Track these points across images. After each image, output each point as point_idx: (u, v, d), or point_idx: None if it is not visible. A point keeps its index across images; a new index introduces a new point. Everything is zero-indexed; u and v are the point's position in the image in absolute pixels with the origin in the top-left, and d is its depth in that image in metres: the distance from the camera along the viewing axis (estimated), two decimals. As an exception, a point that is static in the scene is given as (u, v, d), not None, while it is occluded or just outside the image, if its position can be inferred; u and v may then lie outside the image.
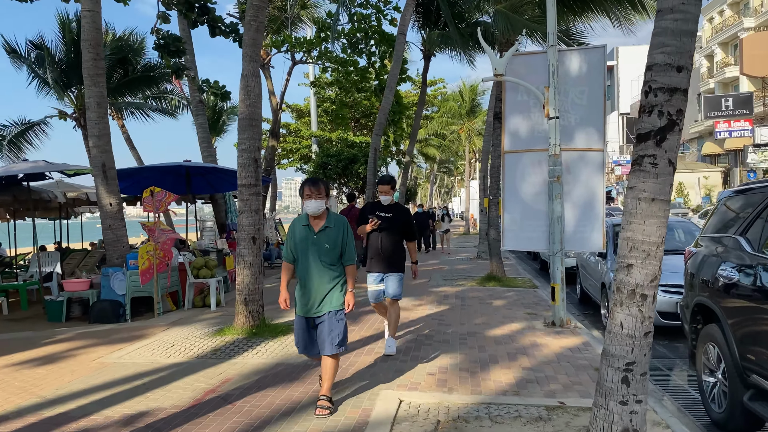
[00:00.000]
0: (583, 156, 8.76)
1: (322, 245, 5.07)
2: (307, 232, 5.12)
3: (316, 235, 5.09)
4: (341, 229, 5.14)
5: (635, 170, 3.98)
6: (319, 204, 5.03)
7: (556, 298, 8.60)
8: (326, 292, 5.11)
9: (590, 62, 8.73)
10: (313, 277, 5.10)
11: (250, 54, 8.15)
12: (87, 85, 10.26)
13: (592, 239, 8.83)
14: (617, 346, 3.97)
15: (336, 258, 5.14)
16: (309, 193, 5.03)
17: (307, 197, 5.04)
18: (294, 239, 5.20)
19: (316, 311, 5.11)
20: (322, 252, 5.08)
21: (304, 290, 5.16)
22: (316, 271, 5.09)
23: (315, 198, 5.02)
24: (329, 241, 5.08)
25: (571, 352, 7.06)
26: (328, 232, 5.10)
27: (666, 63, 3.90)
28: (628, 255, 3.98)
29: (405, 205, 7.31)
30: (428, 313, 9.70)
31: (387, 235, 6.92)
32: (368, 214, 7.01)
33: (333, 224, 5.13)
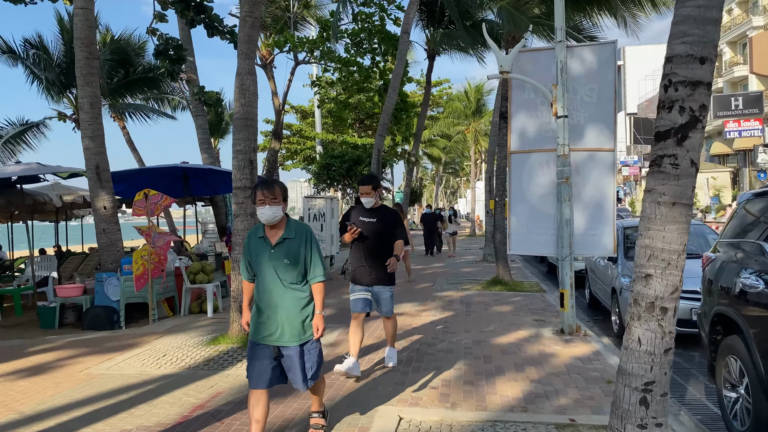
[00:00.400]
0: (593, 156, 8.41)
1: (281, 261, 4.19)
2: (263, 246, 4.26)
3: (273, 249, 4.21)
4: (304, 240, 4.26)
5: (654, 171, 3.64)
6: (275, 210, 4.17)
7: (566, 305, 8.25)
8: (290, 319, 4.20)
9: (600, 58, 8.38)
10: (273, 300, 4.19)
11: (246, 51, 7.84)
12: (80, 85, 9.97)
13: (603, 243, 8.48)
14: (635, 363, 3.63)
15: (299, 275, 4.24)
16: (262, 198, 4.15)
17: (259, 203, 4.17)
18: (249, 254, 4.35)
19: (278, 340, 4.22)
20: (281, 269, 4.20)
21: (261, 316, 4.24)
22: (275, 294, 4.20)
23: (270, 203, 4.15)
24: (289, 255, 4.19)
25: (581, 363, 6.71)
26: (288, 244, 4.21)
27: (688, 54, 3.56)
28: (646, 264, 3.64)
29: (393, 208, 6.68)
30: (432, 320, 9.36)
31: (372, 243, 6.16)
32: (347, 220, 6.27)
33: (294, 234, 4.24)
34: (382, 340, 7.92)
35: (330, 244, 15.67)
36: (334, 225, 16.04)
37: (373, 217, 6.19)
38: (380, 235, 6.19)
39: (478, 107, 42.73)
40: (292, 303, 4.21)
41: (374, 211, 6.23)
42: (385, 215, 6.26)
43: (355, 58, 21.61)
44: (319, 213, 15.36)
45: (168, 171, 12.73)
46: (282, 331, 4.19)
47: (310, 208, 15.45)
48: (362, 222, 6.19)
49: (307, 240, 4.28)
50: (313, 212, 15.37)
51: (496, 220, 14.08)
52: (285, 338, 4.20)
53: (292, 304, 4.21)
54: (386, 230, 6.21)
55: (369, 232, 6.15)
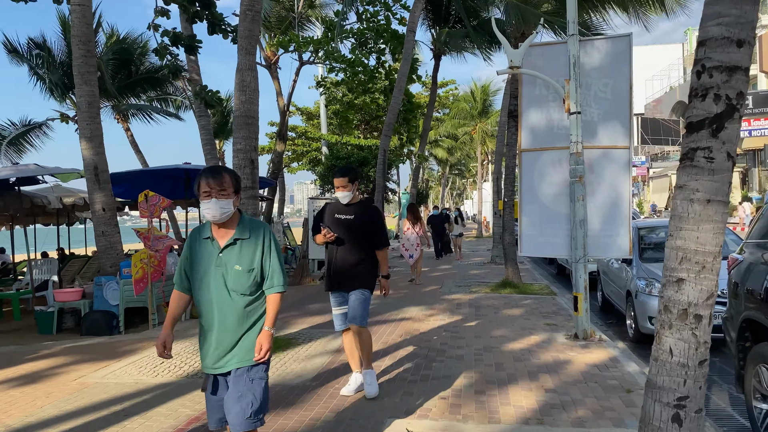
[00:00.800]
0: (607, 154, 8.09)
1: (231, 267, 3.39)
2: (209, 249, 3.46)
3: (222, 253, 3.41)
4: (261, 241, 3.47)
5: (686, 166, 3.32)
6: (224, 205, 3.34)
7: (579, 309, 7.92)
8: (237, 338, 3.43)
9: (614, 52, 8.06)
10: (219, 317, 3.40)
11: (246, 46, 7.56)
12: (77, 84, 9.71)
13: (618, 244, 8.15)
14: (666, 377, 3.31)
15: (253, 285, 3.44)
16: (207, 189, 3.33)
17: (204, 195, 3.34)
18: (189, 258, 3.54)
19: (219, 366, 3.42)
20: (230, 277, 3.39)
21: (206, 336, 3.46)
22: (222, 308, 3.39)
23: (217, 196, 3.32)
24: (242, 260, 3.41)
25: (598, 370, 6.38)
26: (241, 246, 3.43)
27: (723, 36, 3.24)
28: (678, 267, 3.31)
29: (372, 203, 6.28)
30: (440, 324, 9.04)
31: (348, 244, 5.49)
32: (321, 220, 5.65)
33: (248, 234, 3.46)
34: (389, 346, 7.63)
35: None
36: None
37: (350, 214, 5.53)
38: (357, 235, 5.52)
39: (484, 108, 42.38)
40: (242, 319, 3.42)
41: (351, 207, 5.56)
42: (364, 212, 5.57)
43: (360, 58, 21.31)
44: (323, 214, 15.06)
45: (170, 172, 12.47)
46: (229, 355, 3.41)
47: (315, 209, 15.16)
48: (337, 220, 5.52)
49: (265, 241, 3.48)
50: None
51: (504, 221, 13.76)
52: (225, 361, 3.42)
53: (240, 319, 3.42)
54: (364, 229, 5.52)
55: (344, 231, 5.50)
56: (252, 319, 3.47)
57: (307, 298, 12.03)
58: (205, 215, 3.42)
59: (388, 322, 9.30)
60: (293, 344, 7.75)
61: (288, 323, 9.27)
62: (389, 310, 10.32)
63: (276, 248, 3.53)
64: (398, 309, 10.46)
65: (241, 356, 3.42)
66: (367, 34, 20.89)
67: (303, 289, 13.28)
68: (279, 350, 7.40)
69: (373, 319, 9.48)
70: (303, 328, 8.88)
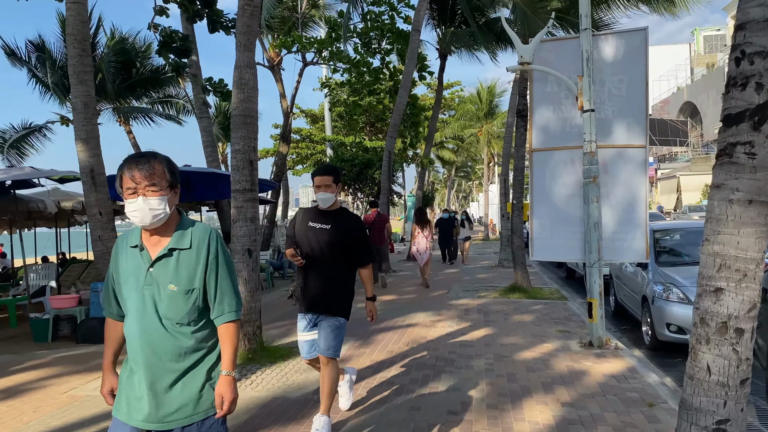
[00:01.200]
0: (623, 153, 7.74)
1: (164, 287, 2.56)
2: (136, 261, 2.61)
3: (153, 267, 2.58)
4: (206, 252, 2.60)
5: (723, 163, 2.99)
6: (156, 205, 2.51)
7: (594, 316, 7.57)
8: (174, 382, 2.58)
9: (629, 47, 7.72)
10: (146, 353, 2.56)
11: (244, 42, 7.24)
12: (73, 84, 9.40)
13: (634, 247, 7.80)
14: (703, 397, 2.97)
15: (193, 312, 2.60)
16: (131, 185, 2.51)
17: (128, 193, 2.51)
18: (113, 275, 2.70)
19: (153, 422, 2.59)
20: (163, 300, 2.57)
21: (131, 379, 2.64)
22: (152, 341, 2.56)
23: (145, 192, 2.51)
24: (178, 277, 2.57)
25: (616, 382, 6.03)
26: (178, 259, 2.58)
27: (766, 19, 2.91)
28: (716, 276, 2.98)
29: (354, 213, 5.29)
30: (448, 331, 8.70)
31: (323, 259, 4.64)
32: (292, 231, 4.82)
33: (189, 243, 2.60)
34: (395, 355, 7.29)
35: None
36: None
37: (327, 223, 4.64)
38: (334, 249, 4.63)
39: (490, 109, 42.04)
40: (180, 357, 2.58)
41: (330, 215, 4.70)
42: (344, 222, 4.70)
43: (365, 58, 21.01)
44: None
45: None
46: (158, 403, 2.56)
47: (319, 212, 14.82)
48: (311, 229, 4.65)
49: (210, 252, 2.61)
50: (322, 217, 14.74)
51: (513, 223, 13.42)
52: (164, 414, 2.57)
53: (178, 358, 2.57)
54: (343, 242, 4.64)
55: (318, 243, 4.63)
56: (194, 358, 2.60)
57: (311, 303, 11.71)
58: (132, 220, 2.55)
59: (394, 329, 8.96)
60: (295, 353, 7.39)
61: (291, 330, 8.95)
62: (395, 316, 9.99)
63: (227, 262, 2.67)
64: (404, 315, 10.12)
65: (188, 409, 2.59)
66: (371, 35, 20.60)
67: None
68: (280, 360, 7.08)
69: (379, 326, 9.15)
70: (305, 336, 8.56)
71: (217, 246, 2.64)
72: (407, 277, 16.33)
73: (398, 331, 8.74)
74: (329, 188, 4.62)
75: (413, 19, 18.01)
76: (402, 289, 13.79)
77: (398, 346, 7.76)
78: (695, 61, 64.46)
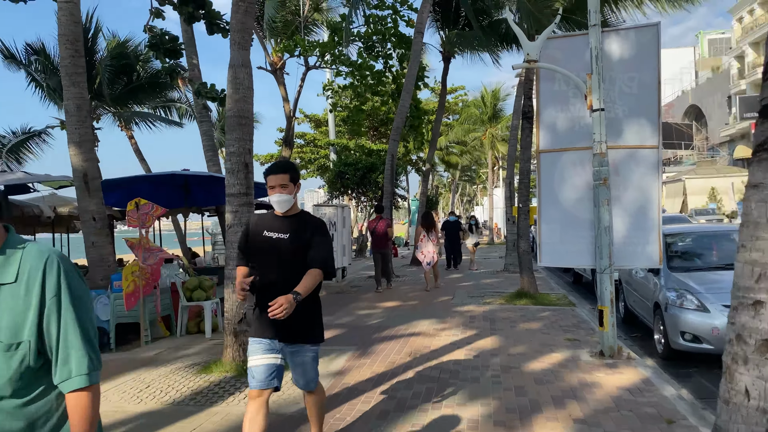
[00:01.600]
0: (634, 154, 7.41)
1: None
2: None
3: None
4: (40, 287, 1.81)
5: (762, 159, 2.68)
6: None
7: (605, 324, 7.24)
8: None
9: (641, 43, 7.39)
10: None
11: (239, 40, 6.96)
12: (65, 86, 9.15)
13: (646, 253, 7.46)
14: (741, 425, 2.64)
15: (24, 375, 1.82)
16: None
17: None
18: None
19: None
20: None
21: None
22: None
23: None
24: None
25: (631, 395, 5.70)
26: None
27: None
28: (755, 287, 2.66)
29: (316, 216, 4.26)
30: (453, 340, 8.37)
31: (284, 274, 3.85)
32: (244, 243, 4.08)
33: (17, 275, 1.82)
34: (397, 366, 6.97)
35: (341, 255, 14.75)
36: (345, 235, 15.15)
37: (285, 231, 3.91)
38: (296, 261, 3.86)
39: (494, 112, 41.77)
40: None
41: (289, 221, 3.95)
42: (305, 228, 3.93)
43: (368, 61, 20.74)
44: (329, 222, 14.45)
45: (167, 179, 11.88)
46: None
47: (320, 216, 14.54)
48: (266, 239, 3.92)
49: (49, 288, 1.82)
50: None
51: (520, 227, 13.08)
52: None
53: None
54: (304, 252, 3.89)
55: (278, 255, 3.88)
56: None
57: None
58: None
59: (396, 337, 8.64)
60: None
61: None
62: (397, 324, 9.66)
63: (75, 301, 1.85)
64: (407, 322, 9.80)
65: None
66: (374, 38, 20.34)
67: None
68: (277, 372, 6.75)
69: (381, 334, 8.84)
70: (305, 346, 8.23)
71: (58, 278, 1.82)
72: (411, 282, 16.00)
73: (400, 341, 8.41)
74: (285, 188, 3.88)
75: (416, 21, 17.75)
76: (406, 294, 13.47)
77: (400, 357, 7.44)
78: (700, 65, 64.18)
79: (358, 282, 16.13)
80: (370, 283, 15.60)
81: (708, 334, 7.15)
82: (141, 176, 11.37)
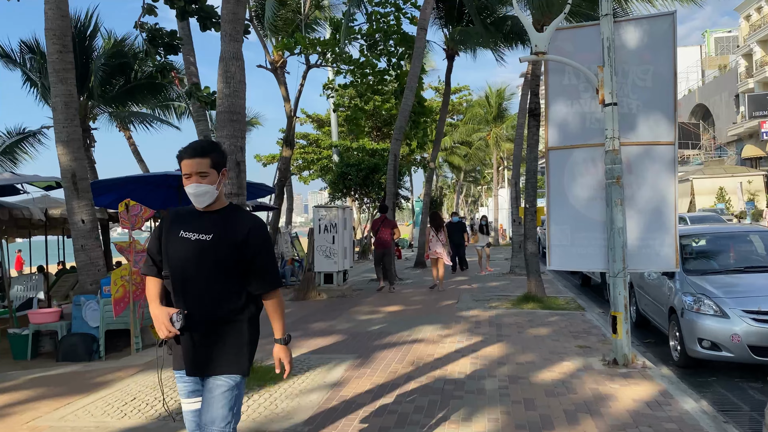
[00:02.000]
0: (649, 151, 7.00)
1: None
2: None
3: None
4: None
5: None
6: None
7: (619, 331, 6.83)
8: None
9: (655, 33, 6.99)
10: None
11: (230, 32, 6.58)
12: (53, 83, 8.81)
13: (662, 255, 7.04)
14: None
15: None
16: None
17: None
18: None
19: None
20: None
21: None
22: None
23: None
24: None
25: (649, 409, 5.29)
26: None
27: None
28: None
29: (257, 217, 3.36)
30: (457, 348, 7.97)
31: (205, 286, 3.07)
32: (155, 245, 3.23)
33: None
34: (398, 377, 6.57)
35: (342, 258, 14.37)
36: (346, 237, 14.77)
37: (206, 232, 3.08)
38: (220, 270, 3.07)
39: (499, 112, 41.36)
40: None
41: (212, 218, 3.13)
42: (235, 227, 3.11)
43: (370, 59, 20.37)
44: (330, 224, 14.08)
45: (161, 180, 11.52)
46: None
47: (321, 218, 14.17)
48: (184, 242, 3.08)
49: None
50: (324, 223, 14.09)
51: (526, 228, 12.68)
52: None
53: None
54: (235, 258, 3.07)
55: (197, 262, 3.05)
56: None
57: (311, 315, 11.01)
58: None
59: (398, 345, 8.24)
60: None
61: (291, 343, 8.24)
62: (400, 330, 9.27)
63: None
64: (409, 328, 9.40)
65: None
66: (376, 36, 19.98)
67: (307, 305, 12.26)
68: (270, 382, 6.37)
69: (381, 341, 8.46)
70: (302, 354, 7.84)
71: None
72: (415, 285, 15.60)
73: (402, 348, 8.02)
74: (205, 177, 3.03)
75: (419, 18, 17.40)
76: (409, 298, 13.08)
77: (402, 366, 7.04)
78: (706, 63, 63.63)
79: (360, 285, 15.74)
80: (372, 286, 15.23)
81: (727, 341, 6.76)
82: (133, 177, 11.02)
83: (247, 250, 3.07)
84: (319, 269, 14.17)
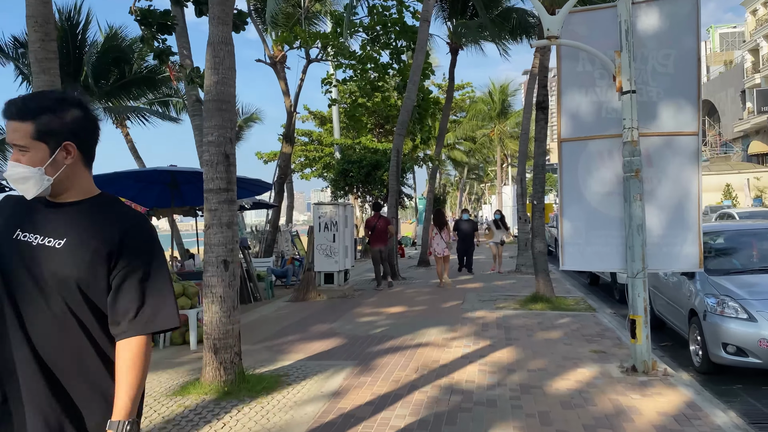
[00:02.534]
0: (670, 142, 6.51)
1: None
2: None
3: None
4: None
5: None
6: None
7: (638, 336, 6.35)
8: None
9: (676, 15, 6.50)
10: None
11: (219, 14, 6.10)
12: (34, 73, 8.28)
13: (684, 254, 6.56)
14: None
15: None
16: None
17: None
18: None
19: None
20: None
21: None
22: None
23: None
24: None
25: (677, 424, 4.81)
26: None
27: None
28: None
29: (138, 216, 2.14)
30: (464, 353, 7.49)
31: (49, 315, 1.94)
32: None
33: None
34: (402, 386, 6.10)
35: (344, 257, 13.91)
36: (347, 235, 14.30)
37: (58, 234, 1.98)
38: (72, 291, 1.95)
39: (503, 108, 40.86)
40: None
41: (68, 213, 2.03)
42: (101, 229, 2.00)
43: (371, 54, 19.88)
44: (330, 222, 13.60)
45: (154, 176, 11.04)
46: None
47: (321, 216, 13.69)
48: (21, 246, 1.97)
49: None
50: (324, 221, 13.61)
51: (534, 226, 12.18)
52: None
53: None
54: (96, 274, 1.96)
55: (36, 279, 1.95)
56: None
57: (310, 317, 10.53)
58: None
59: (402, 349, 7.76)
60: (283, 384, 6.23)
61: (282, 352, 7.78)
62: (403, 333, 8.79)
63: None
64: (413, 331, 8.91)
65: None
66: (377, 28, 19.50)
67: (306, 307, 11.78)
68: (263, 393, 5.89)
69: (383, 345, 7.97)
70: (299, 359, 7.36)
71: None
72: (418, 285, 15.11)
73: (406, 353, 7.54)
74: (25, 152, 1.94)
75: (423, 9, 16.89)
76: (412, 298, 12.59)
77: (405, 373, 6.56)
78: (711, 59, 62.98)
79: (362, 285, 15.26)
80: (374, 285, 14.76)
81: (755, 346, 6.27)
82: (124, 173, 10.52)
83: (116, 259, 1.97)
84: (319, 269, 13.70)
